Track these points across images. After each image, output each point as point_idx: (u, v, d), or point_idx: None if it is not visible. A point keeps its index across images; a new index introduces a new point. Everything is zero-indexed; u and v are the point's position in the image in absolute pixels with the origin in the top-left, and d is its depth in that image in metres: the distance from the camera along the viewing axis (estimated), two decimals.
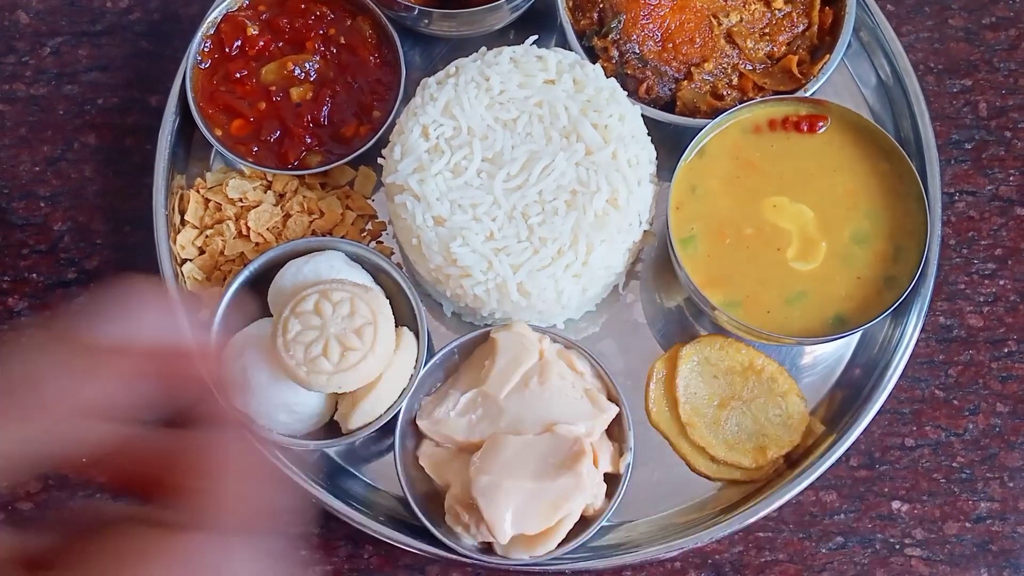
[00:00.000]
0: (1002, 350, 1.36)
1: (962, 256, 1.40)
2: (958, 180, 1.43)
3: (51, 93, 1.48)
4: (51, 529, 0.57)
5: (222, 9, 1.36)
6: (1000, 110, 1.45)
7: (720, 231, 1.25)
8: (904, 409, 1.34)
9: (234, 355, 1.20)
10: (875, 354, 1.31)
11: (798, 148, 1.27)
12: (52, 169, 1.45)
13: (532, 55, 1.27)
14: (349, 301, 1.16)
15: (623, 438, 1.20)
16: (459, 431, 1.19)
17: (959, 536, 1.30)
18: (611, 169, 1.21)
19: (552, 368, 1.21)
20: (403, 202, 1.22)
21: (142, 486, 0.61)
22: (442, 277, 1.23)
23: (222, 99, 1.34)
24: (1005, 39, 1.49)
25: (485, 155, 1.22)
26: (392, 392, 1.20)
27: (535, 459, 1.16)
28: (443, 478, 1.20)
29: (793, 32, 1.36)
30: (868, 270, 1.23)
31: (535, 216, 1.20)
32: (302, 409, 1.19)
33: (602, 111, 1.23)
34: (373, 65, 1.36)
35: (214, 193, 1.34)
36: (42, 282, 1.40)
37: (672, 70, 1.33)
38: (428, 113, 1.24)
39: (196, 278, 1.31)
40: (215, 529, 0.56)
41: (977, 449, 1.32)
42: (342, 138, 1.34)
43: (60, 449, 0.57)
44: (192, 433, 0.60)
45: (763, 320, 1.21)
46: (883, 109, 1.41)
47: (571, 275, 1.21)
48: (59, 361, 0.57)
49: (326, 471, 1.28)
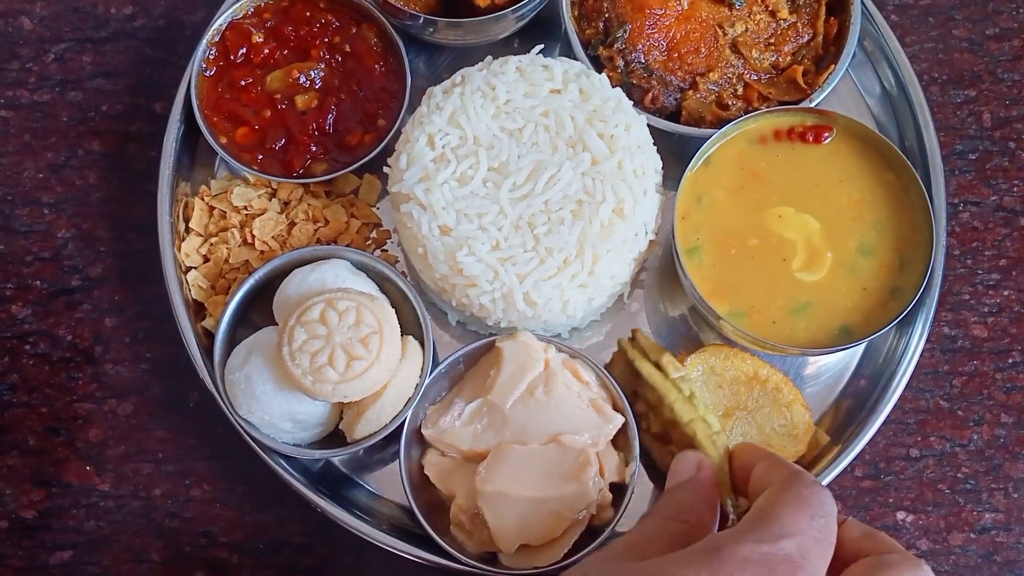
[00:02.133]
0: (1006, 361, 1.36)
1: (966, 267, 1.40)
2: (962, 191, 1.43)
3: (55, 99, 1.47)
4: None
5: (227, 17, 1.36)
6: (1004, 121, 1.46)
7: (725, 241, 1.25)
8: (909, 420, 1.34)
9: (239, 364, 1.19)
10: (880, 365, 1.31)
11: (803, 159, 1.28)
12: (56, 176, 1.44)
13: (538, 64, 1.27)
14: (355, 310, 1.16)
15: (629, 447, 1.20)
16: (464, 440, 1.19)
17: (964, 547, 1.30)
18: (617, 179, 1.21)
19: (558, 378, 1.20)
20: (409, 211, 1.22)
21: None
22: (448, 286, 1.23)
23: (227, 107, 1.34)
24: (1009, 50, 1.49)
25: (491, 164, 1.22)
26: (397, 401, 1.19)
27: (540, 469, 1.16)
28: (448, 487, 1.20)
29: (798, 42, 1.36)
30: (874, 281, 1.23)
31: (541, 226, 1.20)
32: (307, 418, 1.19)
33: (608, 121, 1.23)
34: (378, 73, 1.36)
35: (219, 201, 1.34)
36: (45, 289, 1.40)
37: (677, 80, 1.33)
38: (434, 122, 1.23)
39: (201, 286, 1.31)
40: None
41: (982, 460, 1.33)
42: (347, 146, 1.33)
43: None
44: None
45: (769, 330, 1.21)
46: (887, 119, 1.42)
47: (577, 285, 1.20)
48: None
49: (330, 480, 1.28)
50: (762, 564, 0.73)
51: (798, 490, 0.81)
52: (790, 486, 0.82)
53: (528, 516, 1.14)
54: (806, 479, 0.85)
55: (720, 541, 0.76)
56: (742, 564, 0.73)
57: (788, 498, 0.80)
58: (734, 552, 0.74)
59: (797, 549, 0.75)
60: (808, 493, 0.81)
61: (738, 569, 0.73)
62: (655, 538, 0.82)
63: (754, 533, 0.76)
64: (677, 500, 0.90)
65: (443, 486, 1.20)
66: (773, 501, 0.81)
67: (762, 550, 0.74)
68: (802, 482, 0.83)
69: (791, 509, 0.79)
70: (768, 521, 0.78)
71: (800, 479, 0.84)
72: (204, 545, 1.30)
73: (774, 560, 0.73)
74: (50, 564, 1.30)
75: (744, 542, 0.75)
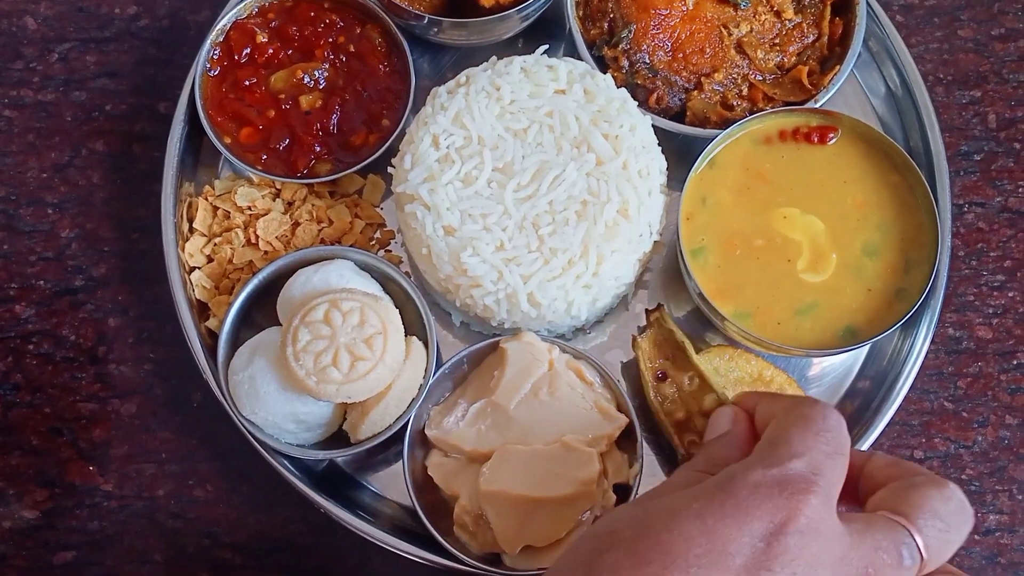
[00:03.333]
0: (1011, 362, 1.36)
1: (971, 268, 1.39)
2: (967, 191, 1.43)
3: (59, 99, 1.47)
4: None
5: (231, 16, 1.36)
6: (1009, 121, 1.45)
7: (730, 242, 1.24)
8: (913, 421, 1.34)
9: (243, 364, 1.19)
10: (884, 366, 1.31)
11: (808, 159, 1.27)
12: (60, 176, 1.44)
13: (543, 65, 1.26)
14: (359, 310, 1.16)
15: (633, 449, 1.20)
16: (468, 441, 1.19)
17: (968, 549, 1.29)
18: (622, 179, 1.20)
19: (562, 378, 1.20)
20: (413, 211, 1.22)
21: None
22: (452, 287, 1.23)
23: (231, 107, 1.34)
24: (1015, 50, 1.48)
25: (496, 165, 1.22)
26: (401, 402, 1.19)
27: (544, 470, 1.15)
28: (452, 488, 1.19)
29: (803, 43, 1.35)
30: (879, 282, 1.22)
31: (546, 226, 1.19)
32: (311, 419, 1.19)
33: (613, 121, 1.22)
34: (383, 73, 1.36)
35: (223, 201, 1.34)
36: (49, 289, 1.40)
37: (682, 80, 1.33)
38: (439, 122, 1.23)
39: (205, 286, 1.31)
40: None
41: (986, 461, 1.32)
42: (351, 146, 1.33)
43: None
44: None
45: (773, 332, 1.21)
46: (892, 120, 1.41)
47: (581, 286, 1.20)
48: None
49: (334, 481, 1.28)
50: (774, 486, 0.74)
51: (801, 412, 0.82)
52: (793, 410, 0.83)
53: (532, 517, 1.14)
54: (807, 400, 0.86)
55: (732, 471, 0.77)
56: (754, 490, 0.74)
57: (792, 421, 0.81)
58: (746, 479, 0.75)
59: (808, 467, 0.76)
60: (811, 412, 0.82)
61: (750, 494, 0.74)
62: (681, 487, 0.82)
63: (763, 460, 0.77)
64: (710, 453, 0.90)
65: (447, 487, 1.20)
66: (778, 427, 0.82)
67: (772, 473, 0.75)
68: (804, 403, 0.84)
69: (796, 430, 0.80)
70: (776, 446, 0.79)
71: (802, 401, 0.86)
72: (208, 546, 1.30)
73: (785, 481, 0.74)
74: (53, 564, 1.30)
75: (754, 468, 0.76)
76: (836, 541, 0.74)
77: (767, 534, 0.72)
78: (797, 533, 0.72)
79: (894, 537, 0.76)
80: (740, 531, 0.72)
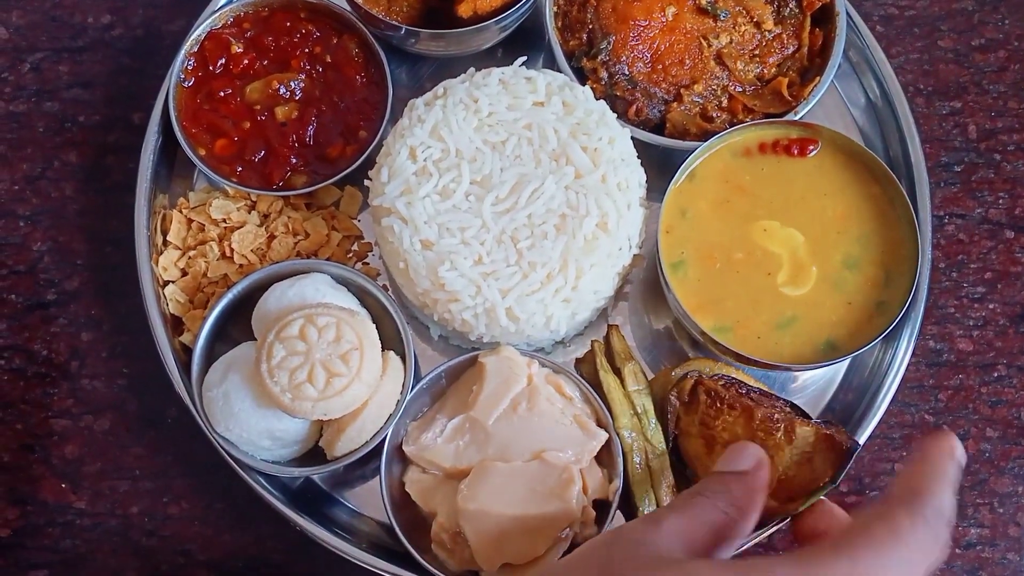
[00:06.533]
0: (992, 375, 1.35)
1: (952, 280, 1.39)
2: (948, 203, 1.42)
3: (31, 110, 1.45)
4: None
5: (206, 26, 1.34)
6: (989, 132, 1.45)
7: (710, 255, 1.23)
8: (894, 434, 1.33)
9: (217, 380, 1.18)
10: (865, 378, 1.31)
11: (788, 172, 1.27)
12: (31, 187, 1.42)
13: (521, 77, 1.25)
14: (335, 326, 1.14)
15: (612, 464, 1.19)
16: (446, 458, 1.18)
17: (949, 563, 1.29)
18: (601, 193, 1.19)
19: (541, 393, 1.19)
20: (390, 225, 1.20)
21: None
22: (429, 301, 1.21)
23: (206, 118, 1.32)
24: (995, 61, 1.48)
25: (473, 178, 1.20)
26: (378, 418, 1.18)
27: (523, 487, 1.14)
28: (429, 505, 1.18)
29: (783, 54, 1.35)
30: (859, 295, 1.22)
31: (524, 240, 1.18)
32: (286, 435, 1.17)
33: (592, 134, 1.21)
34: (359, 84, 1.34)
35: (197, 213, 1.32)
36: (21, 303, 1.37)
37: (662, 92, 1.32)
38: (416, 135, 1.22)
39: (179, 300, 1.29)
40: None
41: (967, 474, 1.32)
42: (328, 158, 1.32)
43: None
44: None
45: (753, 346, 1.20)
46: (873, 131, 1.41)
47: (561, 300, 1.19)
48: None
49: (310, 498, 1.26)
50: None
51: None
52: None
53: (510, 534, 1.13)
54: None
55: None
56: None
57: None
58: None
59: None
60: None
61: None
62: (702, 525, 0.80)
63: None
64: (730, 489, 0.85)
65: (424, 504, 1.19)
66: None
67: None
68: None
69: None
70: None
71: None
72: (182, 564, 1.28)
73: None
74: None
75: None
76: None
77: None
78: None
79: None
80: None
